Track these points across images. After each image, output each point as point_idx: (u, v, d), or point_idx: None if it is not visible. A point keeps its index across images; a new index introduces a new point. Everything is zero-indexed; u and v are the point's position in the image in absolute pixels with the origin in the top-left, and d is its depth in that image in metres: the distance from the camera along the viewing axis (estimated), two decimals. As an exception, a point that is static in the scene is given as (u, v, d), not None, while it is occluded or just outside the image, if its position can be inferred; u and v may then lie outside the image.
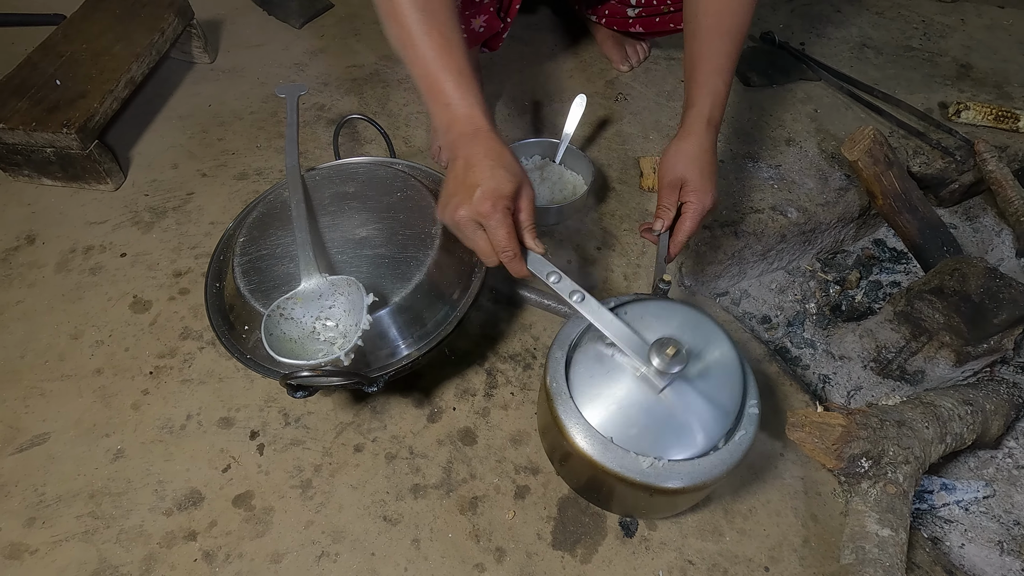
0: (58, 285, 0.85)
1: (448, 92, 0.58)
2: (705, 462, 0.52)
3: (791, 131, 1.06)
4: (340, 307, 0.59)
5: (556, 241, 0.90)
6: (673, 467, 0.52)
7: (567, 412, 0.55)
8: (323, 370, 0.55)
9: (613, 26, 1.12)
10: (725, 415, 0.55)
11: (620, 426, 0.53)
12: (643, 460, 0.51)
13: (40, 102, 0.90)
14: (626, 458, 0.52)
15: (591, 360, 0.58)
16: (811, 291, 1.03)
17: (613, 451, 0.52)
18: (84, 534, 0.64)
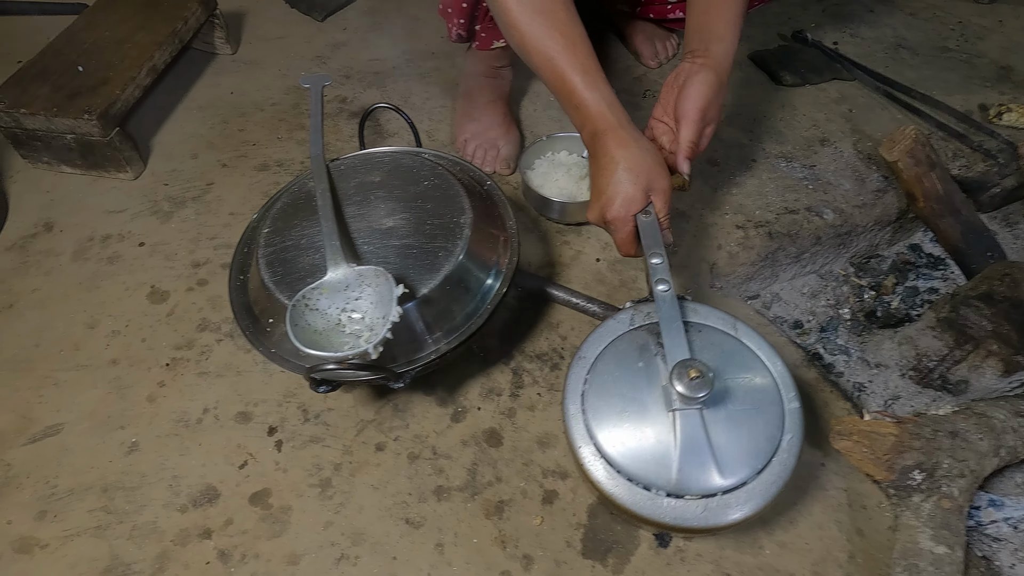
0: (75, 274, 0.83)
1: (578, 92, 0.60)
2: (761, 482, 0.49)
3: (825, 131, 1.03)
4: (367, 299, 0.57)
5: (584, 238, 0.87)
6: (728, 500, 0.48)
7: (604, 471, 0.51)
8: (350, 363, 0.52)
9: (650, 15, 1.09)
10: (770, 421, 0.52)
11: (660, 474, 0.50)
12: (695, 505, 0.48)
13: (62, 88, 0.88)
14: (679, 508, 0.48)
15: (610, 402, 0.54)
16: (844, 296, 1.00)
17: (663, 504, 0.49)
18: (96, 529, 0.62)
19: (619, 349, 0.56)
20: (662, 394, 0.53)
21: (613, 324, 0.58)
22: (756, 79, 1.12)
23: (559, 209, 0.85)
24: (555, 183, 0.87)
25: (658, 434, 0.51)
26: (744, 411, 0.52)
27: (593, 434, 0.52)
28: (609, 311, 0.76)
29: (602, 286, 0.81)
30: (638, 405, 0.53)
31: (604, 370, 0.55)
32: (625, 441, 0.52)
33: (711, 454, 0.49)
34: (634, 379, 0.54)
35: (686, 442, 0.50)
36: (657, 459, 0.50)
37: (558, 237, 0.87)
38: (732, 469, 0.49)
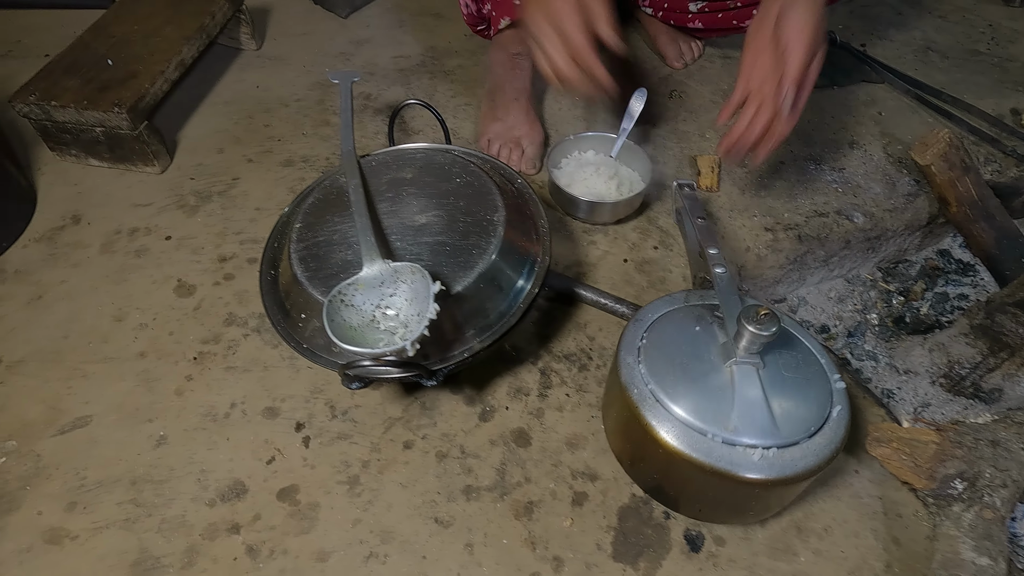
0: (103, 266, 0.83)
1: None
2: (814, 444, 0.50)
3: (854, 134, 1.02)
4: (402, 295, 0.57)
5: (611, 238, 0.86)
6: (784, 455, 0.49)
7: (657, 414, 0.52)
8: (386, 360, 0.52)
9: (670, 20, 1.09)
10: (820, 392, 0.53)
11: (717, 420, 0.51)
12: (750, 453, 0.48)
13: (91, 81, 0.89)
14: (734, 454, 0.49)
15: (668, 355, 0.55)
16: (872, 301, 0.98)
17: (719, 449, 0.49)
18: (125, 522, 0.62)
19: (675, 317, 0.58)
20: (719, 351, 0.54)
21: (668, 299, 0.61)
22: (783, 80, 1.11)
23: (587, 208, 0.84)
24: (583, 182, 0.86)
25: (715, 385, 0.52)
26: (795, 380, 0.53)
27: (648, 381, 0.53)
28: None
29: (630, 287, 0.81)
30: (696, 360, 0.54)
31: (661, 330, 0.57)
32: (682, 389, 0.53)
33: (767, 408, 0.50)
34: (691, 338, 0.56)
35: (743, 394, 0.51)
36: (714, 406, 0.51)
37: (585, 237, 0.86)
38: (787, 427, 0.50)
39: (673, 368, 0.54)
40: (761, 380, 0.52)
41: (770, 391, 0.51)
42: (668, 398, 0.52)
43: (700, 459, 0.50)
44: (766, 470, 0.49)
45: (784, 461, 0.49)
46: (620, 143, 0.89)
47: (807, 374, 0.54)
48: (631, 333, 0.58)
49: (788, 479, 0.49)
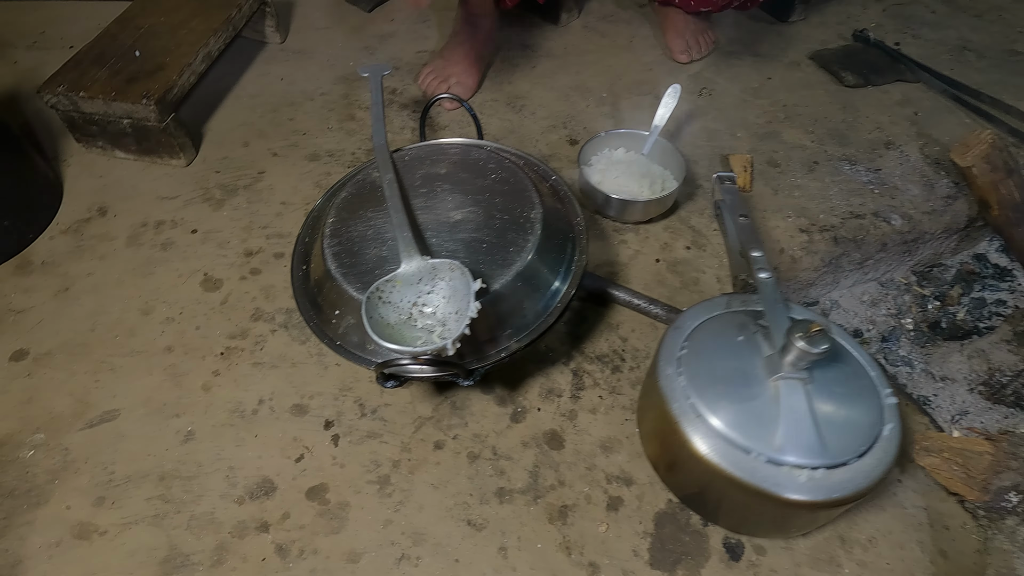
0: (129, 259, 0.83)
1: None
2: (864, 465, 0.48)
3: (890, 134, 0.99)
4: (439, 293, 0.55)
5: (642, 238, 0.84)
6: (832, 476, 0.47)
7: (697, 428, 0.50)
8: (425, 359, 0.51)
9: (684, 5, 1.06)
10: (870, 408, 0.51)
11: (761, 437, 0.48)
12: (796, 474, 0.46)
13: (119, 73, 0.88)
14: (779, 474, 0.47)
15: (709, 366, 0.53)
16: (906, 305, 0.96)
17: (763, 469, 0.47)
18: (154, 518, 0.61)
19: (717, 324, 0.56)
20: (764, 364, 0.52)
21: (708, 305, 0.58)
22: (817, 79, 1.09)
23: (618, 207, 0.82)
24: (614, 180, 0.85)
25: (760, 401, 0.50)
26: (844, 395, 0.51)
27: (689, 394, 0.51)
28: (673, 313, 0.73)
29: (662, 287, 0.79)
30: (739, 373, 0.52)
31: (702, 339, 0.55)
32: (724, 404, 0.51)
33: (814, 427, 0.48)
34: (734, 349, 0.54)
35: (789, 411, 0.49)
36: (759, 424, 0.49)
37: (615, 236, 0.85)
38: (835, 447, 0.48)
39: (715, 381, 0.52)
40: (808, 396, 0.49)
41: (817, 407, 0.49)
42: (710, 413, 0.50)
43: (743, 479, 0.48)
44: (813, 492, 0.47)
45: (832, 483, 0.47)
46: (652, 140, 0.87)
47: (856, 388, 0.52)
48: (670, 341, 0.56)
49: (835, 502, 0.47)
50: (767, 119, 1.02)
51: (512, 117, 1.02)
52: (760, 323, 0.55)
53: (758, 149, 0.97)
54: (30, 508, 0.61)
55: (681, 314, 0.58)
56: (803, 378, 0.50)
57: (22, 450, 0.65)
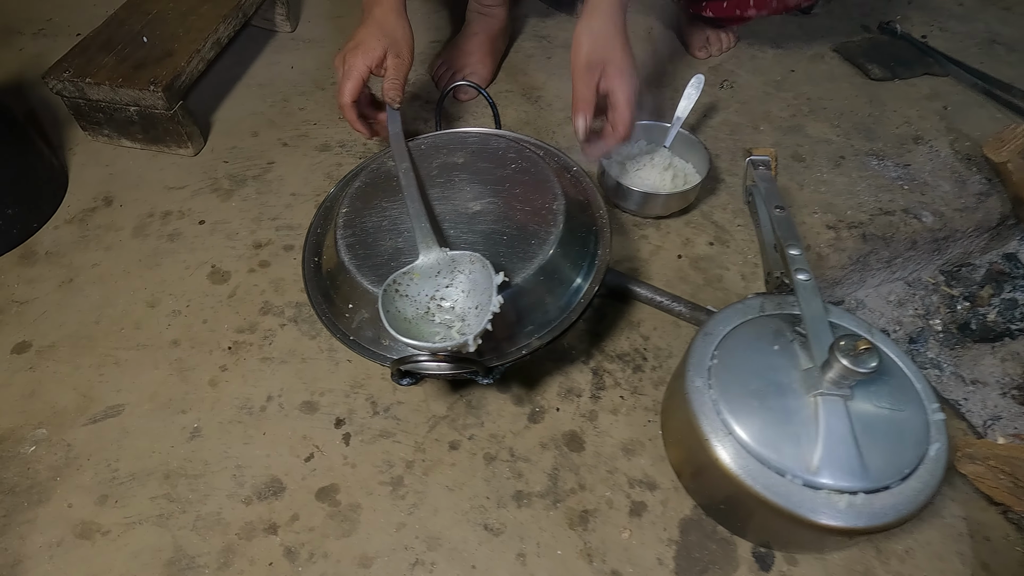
0: (135, 250, 0.80)
1: None
2: (908, 489, 0.44)
3: (918, 128, 0.96)
4: (458, 286, 0.53)
5: (663, 233, 0.82)
6: (873, 501, 0.43)
7: (728, 447, 0.47)
8: (444, 356, 0.48)
9: (690, 8, 1.04)
10: (915, 426, 0.47)
11: (797, 458, 0.45)
12: (836, 499, 0.43)
13: (126, 59, 0.86)
14: (816, 499, 0.44)
15: (742, 379, 0.50)
16: (934, 306, 0.93)
17: (799, 493, 0.44)
18: (159, 518, 0.59)
19: (750, 331, 0.53)
20: (801, 378, 0.49)
21: (741, 308, 0.55)
22: (842, 72, 1.06)
23: (639, 200, 0.80)
24: (635, 173, 0.82)
25: (797, 419, 0.47)
26: (888, 412, 0.47)
27: (720, 410, 0.48)
28: (697, 311, 0.71)
29: (685, 284, 0.76)
30: (775, 387, 0.49)
31: (734, 348, 0.52)
32: (758, 421, 0.48)
33: (855, 446, 0.45)
34: (769, 360, 0.50)
35: (829, 430, 0.46)
36: (795, 444, 0.46)
37: (636, 231, 0.82)
38: (877, 468, 0.45)
39: (748, 395, 0.49)
40: (849, 414, 0.46)
41: (859, 426, 0.46)
42: (742, 430, 0.47)
43: (776, 502, 0.45)
44: (852, 519, 0.44)
45: (873, 509, 0.44)
46: (674, 133, 0.84)
47: (901, 404, 0.48)
48: (700, 349, 0.53)
49: (876, 529, 0.44)
50: (791, 112, 0.98)
51: (528, 108, 1.00)
52: (797, 330, 0.52)
53: (782, 143, 0.94)
54: (31, 506, 0.59)
55: (711, 318, 0.55)
56: (844, 395, 0.47)
57: (24, 445, 0.63)
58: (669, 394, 0.59)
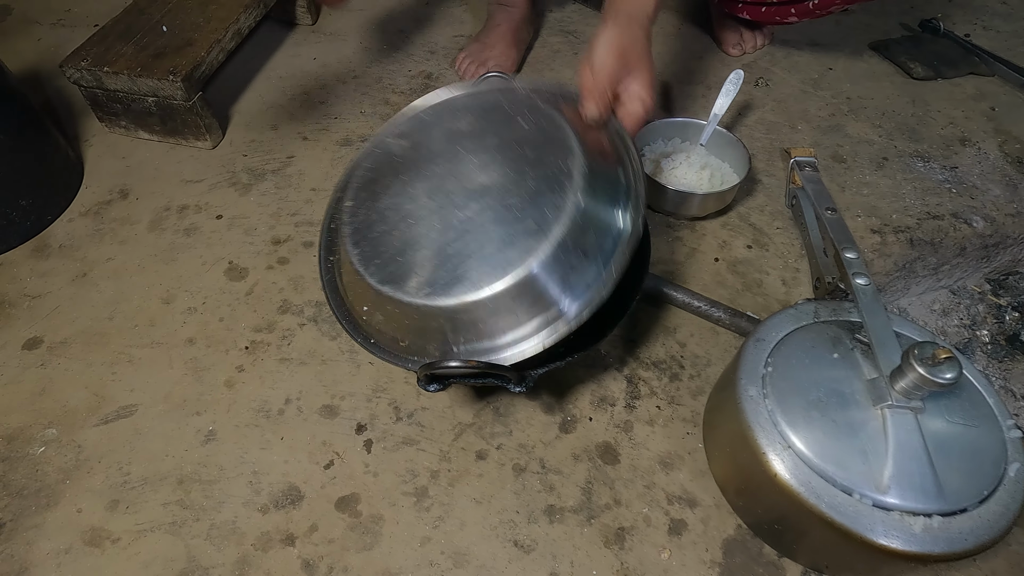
0: (151, 244, 0.78)
1: None
2: (987, 512, 0.40)
3: (965, 130, 0.92)
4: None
5: (699, 235, 0.78)
6: (951, 525, 0.40)
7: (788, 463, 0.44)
8: (477, 361, 0.45)
9: (724, 7, 1.00)
10: (991, 444, 0.44)
11: (865, 477, 0.42)
12: (910, 522, 0.39)
13: (146, 48, 0.84)
14: (888, 521, 0.40)
15: (800, 389, 0.46)
16: (981, 316, 0.89)
17: (869, 514, 0.41)
18: (171, 525, 0.56)
19: (806, 338, 0.49)
20: (866, 389, 0.45)
21: (793, 313, 0.51)
22: (882, 70, 1.01)
23: (674, 199, 0.76)
24: (671, 172, 0.78)
25: (863, 433, 0.43)
26: (962, 428, 0.44)
27: (778, 421, 0.45)
28: (738, 318, 0.67)
29: (723, 289, 0.72)
30: (836, 398, 0.45)
31: (789, 356, 0.48)
32: (820, 435, 0.44)
33: (930, 466, 0.41)
34: (829, 369, 0.47)
35: (899, 446, 0.42)
36: (862, 460, 0.42)
37: (670, 232, 0.78)
38: (953, 490, 0.41)
39: (808, 406, 0.45)
40: (921, 429, 0.43)
41: (932, 442, 0.43)
42: (803, 444, 0.44)
43: (844, 524, 0.41)
44: (928, 544, 0.40)
45: (951, 533, 0.40)
46: (710, 130, 0.80)
47: (974, 419, 0.45)
48: (752, 356, 0.49)
49: (954, 555, 0.40)
50: (830, 111, 0.94)
51: (555, 104, 0.96)
52: (858, 338, 0.48)
53: (821, 143, 0.90)
54: (39, 510, 0.57)
55: (763, 324, 0.51)
56: (916, 408, 0.43)
57: (33, 446, 0.61)
58: (715, 404, 0.55)
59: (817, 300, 0.53)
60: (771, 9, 0.94)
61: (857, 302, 0.48)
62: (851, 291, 0.50)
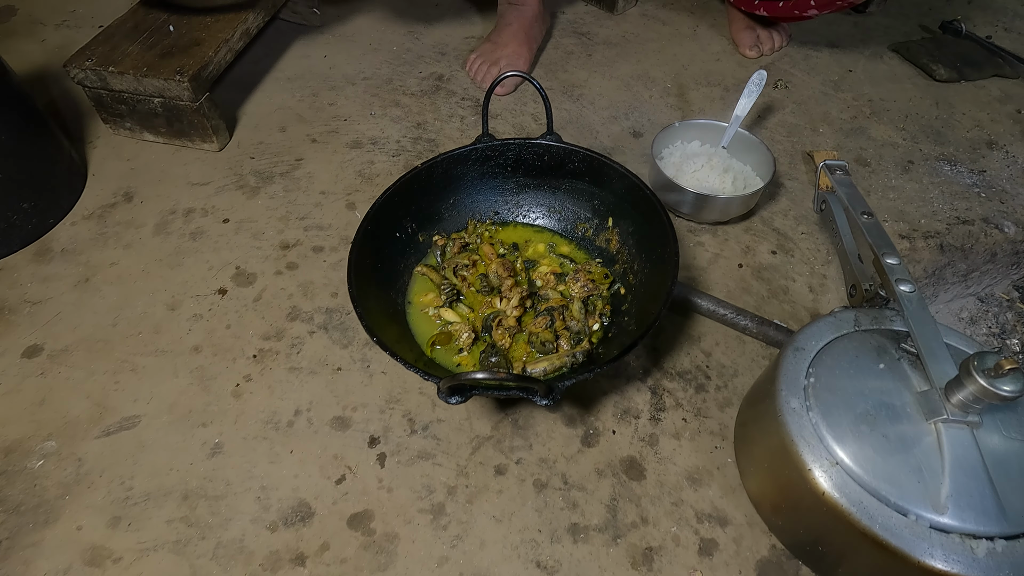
0: (156, 248, 0.76)
1: None
2: None
3: (991, 133, 0.89)
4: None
5: (721, 239, 0.75)
6: (1017, 549, 0.37)
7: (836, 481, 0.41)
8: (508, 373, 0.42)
9: (741, 6, 0.99)
10: None
11: (921, 496, 0.39)
12: (975, 545, 0.37)
13: (152, 47, 0.82)
14: (948, 545, 0.37)
15: (846, 401, 0.44)
16: (1010, 324, 0.86)
17: (927, 537, 0.38)
18: (176, 544, 0.53)
19: (849, 347, 0.46)
20: (917, 401, 0.42)
21: (833, 321, 0.49)
22: (903, 72, 0.99)
23: (696, 203, 0.73)
24: (692, 175, 0.76)
25: (917, 448, 0.41)
26: (1021, 444, 0.41)
27: (823, 435, 0.42)
28: (766, 326, 0.64)
29: (748, 296, 0.70)
30: (886, 410, 0.42)
31: (832, 366, 0.45)
32: (869, 449, 0.41)
33: (990, 485, 0.39)
34: (875, 380, 0.44)
35: (956, 463, 0.39)
36: (917, 479, 0.40)
37: (691, 237, 0.76)
38: (1016, 511, 0.39)
39: (855, 419, 0.43)
40: (978, 445, 0.40)
41: (990, 459, 0.40)
42: (851, 460, 0.41)
43: (900, 548, 0.38)
44: (992, 570, 0.37)
45: (1016, 558, 0.38)
46: (732, 132, 0.78)
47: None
48: (792, 366, 0.47)
49: None
50: (852, 114, 0.92)
51: (570, 107, 0.94)
52: (904, 347, 0.45)
53: (844, 146, 0.87)
54: (37, 527, 0.54)
55: (801, 332, 0.49)
56: (973, 422, 0.40)
57: (31, 459, 0.58)
58: (749, 417, 0.52)
59: (856, 308, 0.50)
60: (788, 3, 0.92)
61: (902, 310, 0.46)
62: (894, 298, 0.47)
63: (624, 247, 0.63)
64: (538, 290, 0.64)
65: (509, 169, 0.68)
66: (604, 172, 0.64)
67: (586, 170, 0.65)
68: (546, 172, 0.68)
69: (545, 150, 0.66)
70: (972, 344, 0.48)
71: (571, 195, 0.68)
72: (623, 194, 0.63)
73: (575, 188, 0.68)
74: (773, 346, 0.65)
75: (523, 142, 0.66)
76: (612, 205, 0.65)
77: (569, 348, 0.55)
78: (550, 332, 0.60)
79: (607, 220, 0.66)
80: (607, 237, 0.66)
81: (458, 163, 0.66)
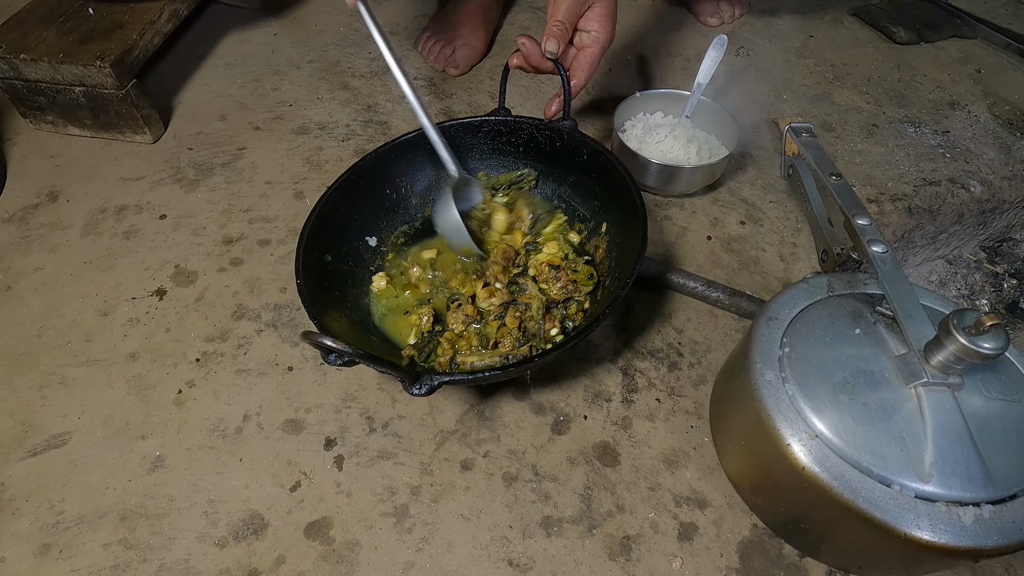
0: (85, 250, 0.70)
1: None
2: None
3: (953, 93, 0.89)
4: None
5: (689, 212, 0.73)
6: (1003, 514, 0.35)
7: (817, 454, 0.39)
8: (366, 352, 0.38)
9: None
10: None
11: (905, 465, 0.37)
12: (962, 512, 0.35)
13: (70, 32, 0.75)
14: (935, 514, 0.35)
15: (822, 370, 0.41)
16: (978, 285, 0.86)
17: (913, 507, 0.36)
18: (113, 569, 0.48)
19: (822, 314, 0.44)
20: (895, 366, 0.40)
21: (805, 288, 0.46)
22: (864, 36, 0.98)
23: (661, 175, 0.71)
24: (656, 146, 0.73)
25: (897, 415, 0.39)
26: (1002, 404, 0.39)
27: (800, 407, 0.40)
28: (737, 298, 0.62)
29: (718, 268, 0.67)
30: (864, 377, 0.40)
31: (806, 334, 0.43)
32: (849, 419, 0.39)
33: (974, 448, 0.37)
34: (851, 347, 0.42)
35: (939, 428, 0.37)
36: (899, 447, 0.37)
37: (658, 211, 0.73)
38: (1002, 474, 0.37)
39: (833, 388, 0.40)
40: (960, 407, 0.38)
41: (973, 422, 0.38)
42: (831, 431, 0.39)
43: (887, 521, 0.36)
44: (981, 537, 0.35)
45: (1004, 523, 0.36)
46: (695, 101, 0.75)
47: (1014, 393, 0.40)
48: (764, 336, 0.44)
49: (1009, 548, 0.36)
50: (815, 80, 0.90)
51: (528, 83, 0.90)
52: (880, 310, 0.43)
53: (809, 112, 0.85)
54: (-46, 562, 0.49)
55: (772, 301, 0.46)
56: (954, 384, 0.38)
57: (-53, 487, 0.53)
58: (724, 393, 0.50)
59: (830, 274, 0.48)
60: None
61: (876, 272, 0.44)
62: (867, 260, 0.45)
63: (607, 257, 0.59)
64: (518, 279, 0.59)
65: (521, 150, 0.64)
66: (609, 173, 0.59)
67: (594, 166, 0.60)
68: (556, 160, 0.63)
69: (558, 135, 0.61)
70: (948, 304, 0.46)
71: (576, 191, 0.64)
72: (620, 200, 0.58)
73: (581, 184, 0.63)
74: (746, 318, 0.63)
75: (536, 122, 0.62)
76: (610, 210, 0.61)
77: (508, 350, 0.52)
78: (503, 328, 0.56)
79: (602, 225, 0.61)
80: (596, 244, 0.61)
81: (469, 132, 0.64)
